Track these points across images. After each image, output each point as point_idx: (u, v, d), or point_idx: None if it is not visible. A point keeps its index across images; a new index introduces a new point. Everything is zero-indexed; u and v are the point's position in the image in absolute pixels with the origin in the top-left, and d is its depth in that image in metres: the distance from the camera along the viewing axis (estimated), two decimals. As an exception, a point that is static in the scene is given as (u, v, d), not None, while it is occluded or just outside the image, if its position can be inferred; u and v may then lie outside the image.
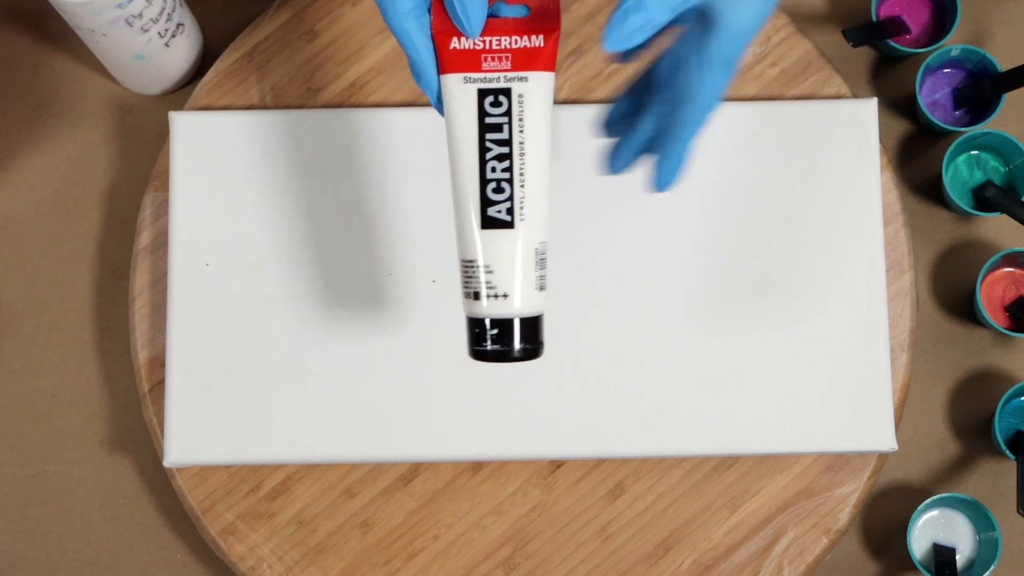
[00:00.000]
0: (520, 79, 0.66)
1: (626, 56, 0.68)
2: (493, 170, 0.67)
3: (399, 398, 0.86)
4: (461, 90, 0.66)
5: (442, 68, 0.66)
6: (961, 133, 0.90)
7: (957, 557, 0.88)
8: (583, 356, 0.87)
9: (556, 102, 0.90)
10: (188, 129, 0.88)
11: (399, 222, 0.88)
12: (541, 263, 0.68)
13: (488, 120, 0.66)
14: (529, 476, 0.87)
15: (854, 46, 0.88)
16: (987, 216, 0.91)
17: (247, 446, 0.86)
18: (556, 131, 0.88)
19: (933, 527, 0.88)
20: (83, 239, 0.93)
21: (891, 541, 0.90)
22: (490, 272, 0.67)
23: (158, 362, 0.88)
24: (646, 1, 0.61)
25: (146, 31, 0.84)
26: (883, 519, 0.90)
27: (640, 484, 0.87)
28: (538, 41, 0.66)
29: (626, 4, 0.61)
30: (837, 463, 0.87)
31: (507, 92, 0.66)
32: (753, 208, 0.88)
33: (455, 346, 0.86)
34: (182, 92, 0.94)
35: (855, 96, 0.91)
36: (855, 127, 0.88)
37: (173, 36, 0.87)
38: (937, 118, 0.91)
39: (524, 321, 0.68)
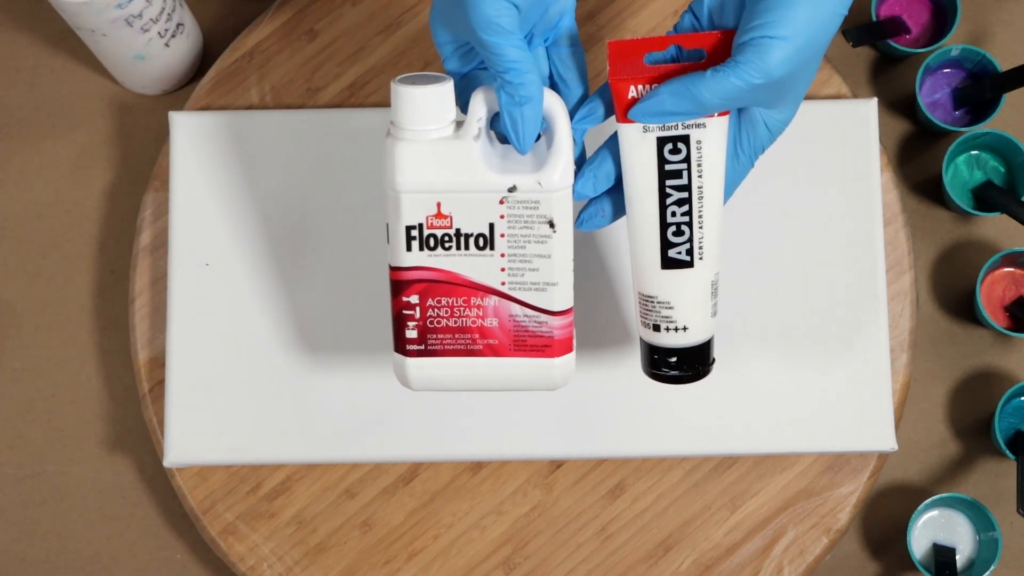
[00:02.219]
0: (698, 125, 0.67)
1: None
2: (673, 215, 0.69)
3: (399, 398, 0.86)
4: (640, 139, 0.68)
5: (621, 117, 0.68)
6: (961, 133, 0.90)
7: (957, 557, 0.88)
8: (583, 356, 0.87)
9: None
10: (188, 129, 0.88)
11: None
12: (715, 292, 0.71)
13: (668, 167, 0.68)
14: (529, 476, 0.87)
15: (854, 46, 0.88)
16: (987, 216, 0.91)
17: (247, 446, 0.86)
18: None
19: (933, 527, 0.88)
20: (83, 239, 0.93)
21: (891, 541, 0.90)
22: (670, 308, 0.71)
23: (158, 362, 0.88)
24: (694, 98, 0.65)
25: (146, 31, 0.84)
26: (883, 519, 0.90)
27: (640, 484, 0.87)
28: None
29: (664, 92, 0.66)
30: (837, 463, 0.87)
31: (686, 139, 0.68)
32: (753, 208, 0.88)
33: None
34: (182, 92, 0.94)
35: (855, 96, 0.91)
36: (855, 127, 0.88)
37: (173, 36, 0.87)
38: (937, 118, 0.91)
39: (698, 348, 0.72)
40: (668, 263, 0.70)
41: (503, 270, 0.69)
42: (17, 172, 0.94)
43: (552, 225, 0.68)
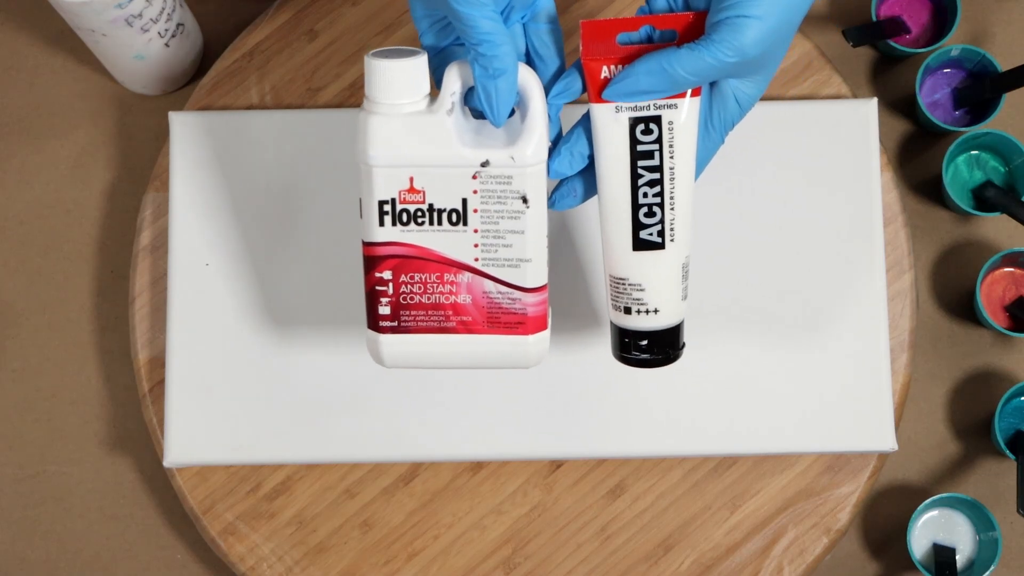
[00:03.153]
0: (670, 106, 0.67)
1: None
2: (645, 195, 0.69)
3: (399, 398, 0.86)
4: (613, 119, 0.68)
5: (594, 97, 0.68)
6: (961, 133, 0.90)
7: (957, 557, 0.88)
8: (583, 356, 0.87)
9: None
10: (188, 129, 0.88)
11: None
12: (685, 275, 0.71)
13: (640, 148, 0.68)
14: (529, 476, 0.87)
15: (854, 46, 0.88)
16: (987, 216, 0.91)
17: (247, 446, 0.86)
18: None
19: (933, 527, 0.88)
20: (83, 239, 0.93)
21: (891, 541, 0.90)
22: (641, 290, 0.70)
23: (158, 362, 0.88)
24: (663, 74, 0.66)
25: (146, 31, 0.84)
26: (883, 519, 0.90)
27: (640, 484, 0.87)
28: None
29: (643, 67, 0.66)
30: (837, 463, 0.87)
31: (658, 120, 0.68)
32: (753, 208, 0.88)
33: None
34: (182, 92, 0.94)
35: (855, 96, 0.91)
36: (855, 127, 0.88)
37: (173, 36, 0.87)
38: (937, 118, 0.91)
39: (669, 331, 0.72)
40: (639, 244, 0.70)
41: (476, 246, 0.68)
42: (17, 172, 0.94)
43: (525, 201, 0.68)
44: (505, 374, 0.86)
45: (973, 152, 0.92)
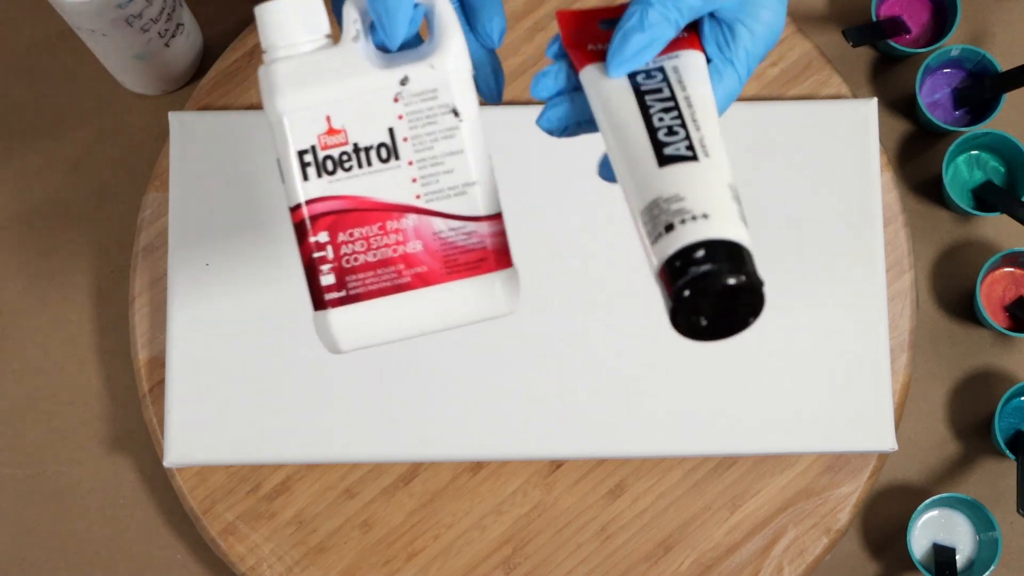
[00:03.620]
0: (670, 58, 0.61)
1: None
2: (661, 119, 0.59)
3: (399, 398, 0.86)
4: (599, 73, 0.61)
5: (582, 63, 0.61)
6: (961, 133, 0.90)
7: (957, 557, 0.88)
8: (584, 356, 0.87)
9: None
10: (188, 129, 0.88)
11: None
12: (737, 199, 0.58)
13: (645, 87, 0.60)
14: (529, 476, 0.87)
15: (854, 46, 0.88)
16: (987, 216, 0.91)
17: (247, 446, 0.86)
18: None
19: (933, 527, 0.88)
20: (83, 239, 0.93)
21: (891, 541, 0.90)
22: (680, 200, 0.56)
23: (158, 362, 0.88)
24: (648, 18, 0.59)
25: (146, 31, 0.84)
26: (883, 519, 0.90)
27: (640, 484, 0.87)
28: (683, 32, 0.62)
29: (627, 24, 0.60)
30: (837, 463, 0.87)
31: (660, 68, 0.60)
32: (753, 208, 0.88)
33: (455, 345, 0.86)
34: (182, 92, 0.94)
35: (855, 96, 0.91)
36: (855, 127, 0.88)
37: (173, 36, 0.87)
38: (937, 118, 0.91)
39: (730, 243, 0.56)
40: (666, 160, 0.57)
41: (415, 180, 0.62)
42: (17, 172, 0.94)
43: (457, 113, 0.61)
44: (505, 374, 0.86)
45: (973, 152, 0.92)
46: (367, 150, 0.62)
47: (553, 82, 0.63)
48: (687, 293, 0.55)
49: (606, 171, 0.63)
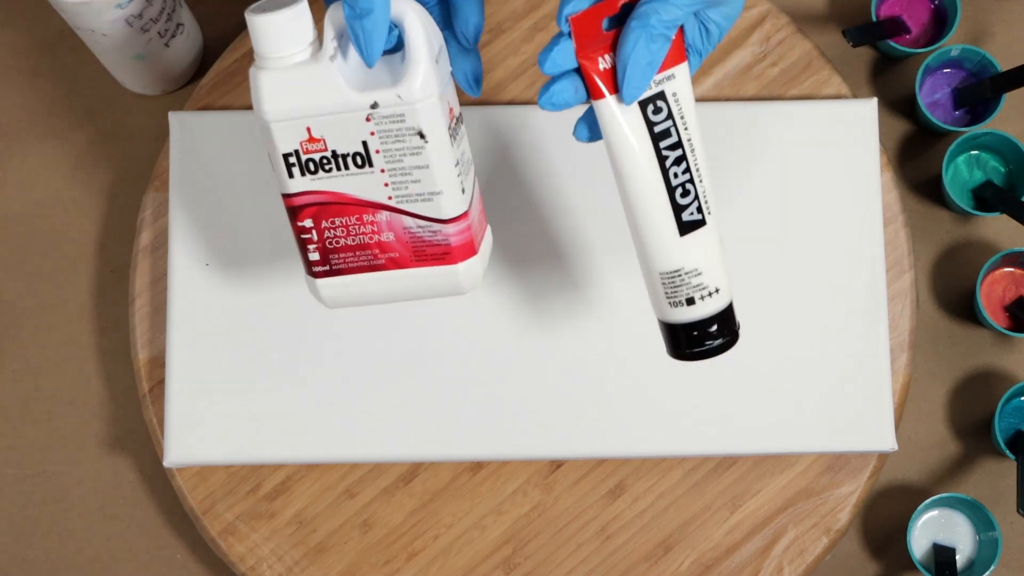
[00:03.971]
0: (668, 78, 0.66)
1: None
2: (675, 176, 0.67)
3: (399, 398, 0.86)
4: (623, 109, 0.66)
5: (598, 93, 0.65)
6: (961, 133, 0.90)
7: (957, 557, 0.88)
8: (584, 356, 0.87)
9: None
10: (188, 129, 0.88)
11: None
12: (723, 243, 0.69)
13: (656, 129, 0.66)
14: (529, 476, 0.87)
15: (854, 46, 0.88)
16: (987, 216, 0.91)
17: (247, 446, 0.86)
18: (559, 127, 0.88)
19: (933, 527, 0.88)
20: (83, 239, 0.93)
21: (891, 541, 0.90)
22: (699, 275, 0.68)
23: (158, 362, 0.88)
24: (643, 42, 0.64)
25: (146, 31, 0.84)
26: (883, 519, 0.90)
27: (640, 484, 0.87)
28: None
29: (631, 52, 0.64)
30: (837, 463, 0.87)
31: (663, 96, 0.66)
32: (753, 208, 0.88)
33: (455, 345, 0.86)
34: (182, 92, 0.94)
35: (855, 96, 0.91)
36: (855, 127, 0.88)
37: (173, 36, 0.87)
38: (937, 118, 0.91)
39: (731, 307, 0.70)
40: (685, 228, 0.67)
41: (386, 185, 0.68)
42: (17, 172, 0.94)
43: (422, 136, 0.66)
44: (505, 374, 0.86)
45: (973, 152, 0.92)
46: (344, 157, 0.67)
47: (562, 58, 0.65)
48: (698, 358, 0.70)
49: (582, 132, 0.68)
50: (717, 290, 0.68)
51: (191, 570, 0.91)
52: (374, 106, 0.65)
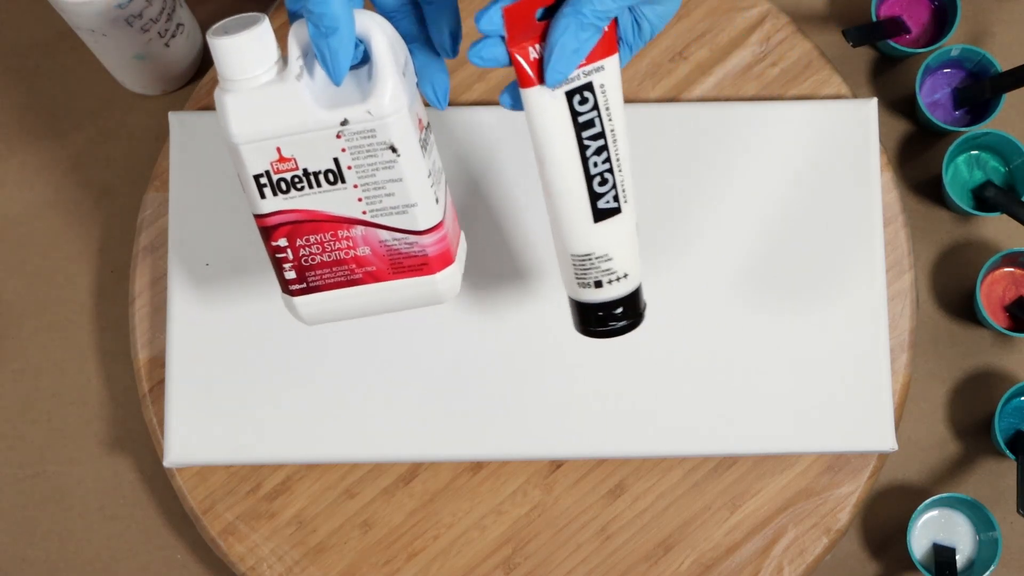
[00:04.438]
0: (597, 69, 0.67)
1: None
2: (595, 165, 0.68)
3: (399, 398, 0.86)
4: (550, 99, 0.66)
5: (527, 81, 0.66)
6: (961, 133, 0.90)
7: (957, 557, 0.88)
8: (584, 356, 0.87)
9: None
10: (188, 129, 0.88)
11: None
12: (636, 231, 0.71)
13: (581, 119, 0.67)
14: (529, 476, 0.87)
15: (854, 46, 0.88)
16: (987, 216, 0.91)
17: (247, 446, 0.86)
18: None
19: (933, 527, 0.88)
20: (83, 239, 0.93)
21: (891, 541, 0.90)
22: (609, 260, 0.70)
23: (158, 362, 0.88)
24: (573, 30, 0.64)
25: (146, 31, 0.84)
26: (883, 519, 0.90)
27: (640, 484, 0.87)
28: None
29: (561, 38, 0.64)
30: (837, 463, 0.87)
31: (590, 87, 0.67)
32: (752, 208, 0.88)
33: (455, 345, 0.86)
34: (182, 92, 0.94)
35: (855, 96, 0.91)
36: (855, 127, 0.88)
37: (173, 36, 0.87)
38: (937, 118, 0.91)
39: (638, 291, 0.72)
40: (600, 215, 0.69)
41: (360, 200, 0.67)
42: (17, 172, 0.94)
43: (394, 150, 0.66)
44: (505, 374, 0.86)
45: (973, 152, 0.92)
46: (316, 174, 0.67)
47: (497, 23, 0.65)
48: (603, 336, 0.72)
49: (506, 100, 0.68)
50: (626, 275, 0.71)
51: (191, 570, 0.91)
52: (344, 123, 0.65)
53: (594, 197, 0.68)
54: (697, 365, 0.86)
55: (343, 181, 0.67)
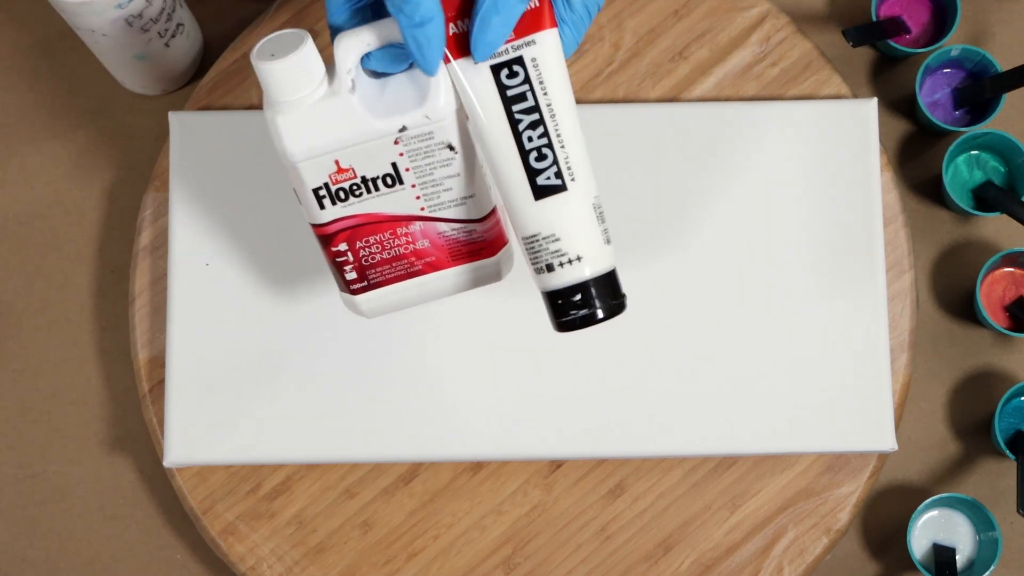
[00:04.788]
0: (528, 43, 0.65)
1: None
2: (530, 139, 0.66)
3: (399, 398, 0.86)
4: (474, 72, 0.65)
5: (446, 58, 0.65)
6: (961, 133, 0.90)
7: (957, 557, 0.88)
8: (584, 356, 0.87)
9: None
10: (188, 129, 0.88)
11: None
12: (601, 217, 0.67)
13: (510, 92, 0.66)
14: (529, 476, 0.87)
15: (854, 46, 0.88)
16: (987, 216, 0.91)
17: (247, 446, 0.86)
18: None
19: (933, 527, 0.88)
20: (83, 239, 0.93)
21: (891, 541, 0.90)
22: (556, 240, 0.66)
23: (158, 362, 0.88)
24: (500, 2, 0.63)
25: (146, 31, 0.84)
26: (883, 519, 0.90)
27: (640, 484, 0.87)
28: (534, 2, 0.65)
29: (483, 8, 0.63)
30: (837, 463, 0.87)
31: (519, 60, 0.65)
32: (753, 208, 0.88)
33: (455, 345, 0.86)
34: (182, 92, 0.94)
35: (855, 96, 0.91)
36: (855, 127, 0.88)
37: (173, 36, 0.87)
38: (937, 118, 0.91)
39: (602, 278, 0.67)
40: (540, 192, 0.66)
41: (418, 198, 0.68)
42: (17, 172, 0.94)
43: (452, 148, 0.66)
44: (505, 374, 0.86)
45: (973, 152, 0.92)
46: (374, 180, 0.67)
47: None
48: (566, 328, 0.68)
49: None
50: (579, 258, 0.66)
51: (191, 570, 0.91)
52: (403, 130, 0.65)
53: (532, 173, 0.66)
54: (697, 365, 0.86)
55: (401, 183, 0.67)
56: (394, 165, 0.67)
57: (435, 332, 0.87)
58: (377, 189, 0.67)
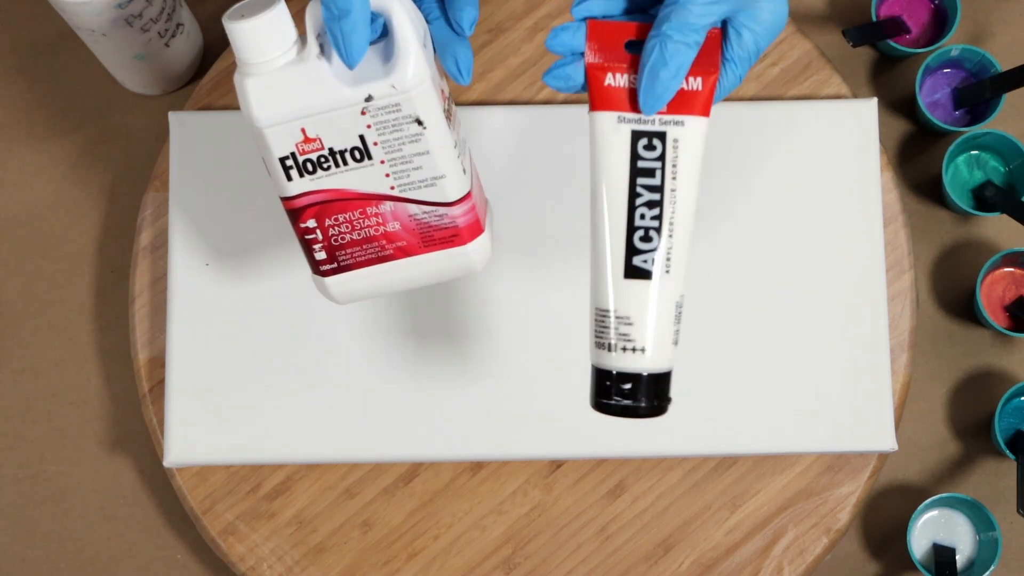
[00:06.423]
0: (676, 123, 0.63)
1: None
2: (642, 217, 0.63)
3: (399, 398, 0.86)
4: (614, 129, 0.63)
5: (595, 105, 0.63)
6: (961, 133, 0.90)
7: (957, 557, 0.88)
8: (583, 356, 0.86)
9: (558, 102, 0.90)
10: (188, 129, 0.88)
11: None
12: (678, 317, 0.65)
13: (640, 164, 0.63)
14: (529, 476, 0.87)
15: (854, 46, 0.88)
16: (987, 216, 0.91)
17: (247, 446, 0.86)
18: (560, 128, 0.88)
19: (933, 527, 0.88)
20: (83, 239, 0.93)
21: (891, 541, 0.90)
22: (628, 324, 0.64)
23: (158, 362, 0.88)
24: (668, 50, 0.61)
25: (146, 31, 0.84)
26: (883, 519, 0.90)
27: (640, 484, 0.87)
28: (696, 84, 0.63)
29: (650, 60, 0.61)
30: (837, 463, 0.87)
31: (662, 136, 0.63)
32: (752, 208, 0.88)
33: (455, 345, 0.86)
34: (182, 92, 0.94)
35: (855, 96, 0.91)
36: (855, 127, 0.88)
37: (173, 36, 0.87)
38: (937, 118, 0.91)
39: (658, 377, 0.65)
40: (631, 272, 0.63)
41: (388, 175, 0.67)
42: (17, 172, 0.94)
43: (420, 122, 0.65)
44: (506, 374, 0.86)
45: (973, 152, 0.92)
46: (342, 153, 0.66)
47: (571, 39, 0.64)
48: (605, 410, 0.65)
49: (554, 79, 0.65)
50: (643, 349, 0.64)
51: (191, 570, 0.91)
52: (368, 99, 0.64)
53: (631, 251, 0.63)
54: (697, 365, 0.86)
55: (370, 158, 0.66)
56: (362, 138, 0.66)
57: (435, 332, 0.87)
58: (345, 163, 0.66)
